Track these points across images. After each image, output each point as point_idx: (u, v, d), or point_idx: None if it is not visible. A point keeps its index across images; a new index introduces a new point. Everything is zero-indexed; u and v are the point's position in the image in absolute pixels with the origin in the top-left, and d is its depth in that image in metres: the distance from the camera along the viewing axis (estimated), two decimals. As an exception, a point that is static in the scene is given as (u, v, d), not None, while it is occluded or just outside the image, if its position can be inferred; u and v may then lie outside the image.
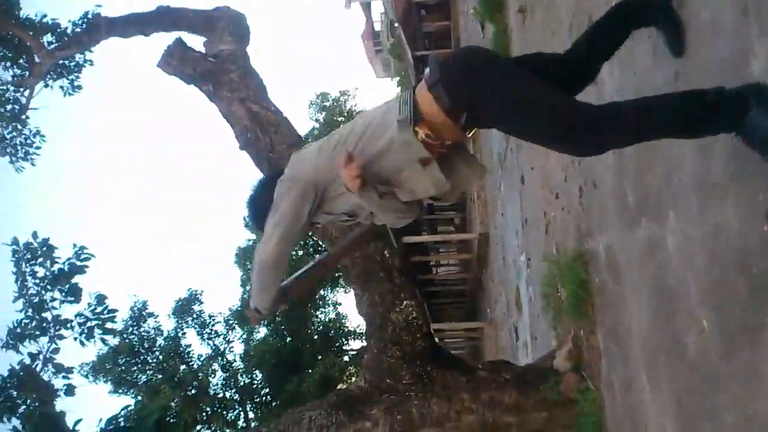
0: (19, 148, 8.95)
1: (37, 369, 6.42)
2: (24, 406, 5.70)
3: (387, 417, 3.91)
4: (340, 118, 21.52)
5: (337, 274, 15.45)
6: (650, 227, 2.62)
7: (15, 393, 5.65)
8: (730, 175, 1.93)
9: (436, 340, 4.53)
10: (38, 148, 9.56)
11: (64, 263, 5.96)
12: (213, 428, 14.03)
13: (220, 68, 4.91)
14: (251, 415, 15.27)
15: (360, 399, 3.99)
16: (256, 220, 2.28)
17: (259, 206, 2.22)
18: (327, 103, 23.44)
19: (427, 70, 1.93)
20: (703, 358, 2.20)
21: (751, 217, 1.82)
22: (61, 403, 5.81)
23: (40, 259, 6.05)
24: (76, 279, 6.17)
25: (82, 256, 5.93)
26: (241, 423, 14.95)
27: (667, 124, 1.79)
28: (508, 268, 8.64)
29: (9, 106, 8.55)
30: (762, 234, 1.75)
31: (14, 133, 8.87)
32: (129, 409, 5.43)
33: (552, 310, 4.69)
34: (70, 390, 6.11)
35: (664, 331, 2.54)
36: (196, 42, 5.45)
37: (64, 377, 6.36)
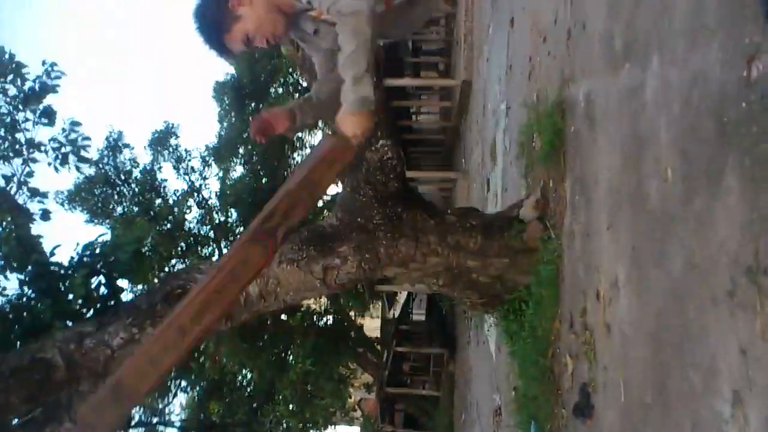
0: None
1: (12, 192, 6.43)
2: (0, 228, 5.75)
3: (356, 254, 4.02)
4: None
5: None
6: (633, 71, 2.58)
7: (-10, 214, 5.67)
8: (720, 18, 1.86)
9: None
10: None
11: (34, 81, 5.75)
12: (187, 262, 14.40)
13: None
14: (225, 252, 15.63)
15: (331, 236, 4.08)
16: (204, 33, 2.08)
17: (208, 15, 2.04)
18: None
19: None
20: (662, 206, 2.26)
21: (733, 63, 1.78)
22: (37, 228, 5.87)
23: (10, 76, 5.83)
24: (49, 100, 6.02)
25: (53, 74, 5.71)
26: (215, 259, 15.35)
27: None
28: (488, 117, 8.60)
29: None
30: (740, 80, 1.73)
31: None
32: (104, 237, 5.48)
33: (525, 158, 4.72)
34: (45, 215, 6.16)
35: (630, 179, 2.58)
36: None
37: (39, 201, 6.41)
